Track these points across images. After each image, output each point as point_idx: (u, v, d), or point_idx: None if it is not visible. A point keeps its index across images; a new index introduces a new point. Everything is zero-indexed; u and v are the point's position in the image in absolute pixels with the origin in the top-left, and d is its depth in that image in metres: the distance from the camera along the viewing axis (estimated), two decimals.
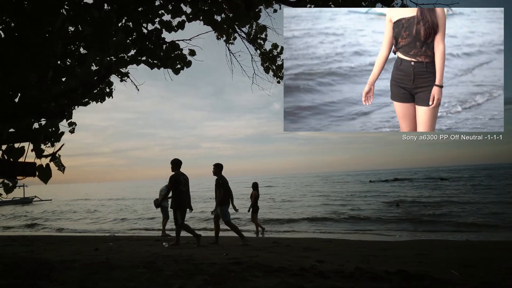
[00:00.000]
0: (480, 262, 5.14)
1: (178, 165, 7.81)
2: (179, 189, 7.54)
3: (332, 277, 3.94)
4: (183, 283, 3.60)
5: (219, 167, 8.07)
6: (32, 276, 3.74)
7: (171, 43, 4.41)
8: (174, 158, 7.93)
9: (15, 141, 3.28)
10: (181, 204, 7.49)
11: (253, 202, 11.34)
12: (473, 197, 22.56)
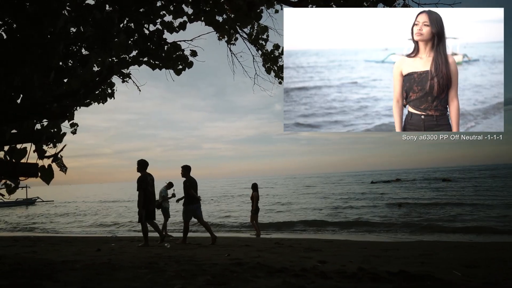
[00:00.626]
0: (482, 263, 5.12)
1: (144, 166, 8.02)
2: (147, 189, 7.76)
3: (334, 277, 3.93)
4: (185, 283, 3.60)
5: (187, 169, 8.38)
6: (36, 277, 3.75)
7: (173, 43, 4.43)
8: (140, 159, 8.11)
9: (17, 142, 3.30)
10: (146, 204, 7.72)
11: (255, 203, 11.34)
12: (475, 198, 22.49)
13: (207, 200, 30.60)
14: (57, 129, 3.62)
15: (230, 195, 39.57)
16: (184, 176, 8.34)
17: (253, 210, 11.38)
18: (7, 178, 3.47)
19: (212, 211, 22.35)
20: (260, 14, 4.66)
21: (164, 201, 10.90)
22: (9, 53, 2.47)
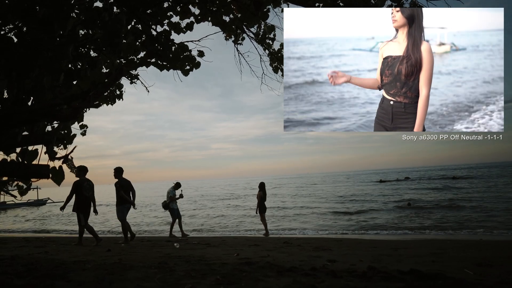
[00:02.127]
0: (495, 261, 5.05)
1: (84, 172, 8.51)
2: (82, 194, 8.17)
3: (344, 276, 3.91)
4: (195, 283, 3.61)
5: (119, 171, 8.93)
6: (49, 277, 3.80)
7: (180, 44, 4.43)
8: (80, 165, 8.57)
9: (28, 144, 3.34)
10: (83, 208, 8.17)
11: (259, 202, 11.34)
12: (486, 196, 22.20)
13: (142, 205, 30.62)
14: (67, 131, 3.67)
15: (231, 196, 39.63)
16: (116, 178, 8.87)
17: (259, 209, 11.38)
18: (19, 180, 3.52)
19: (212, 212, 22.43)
20: (267, 14, 4.65)
21: (171, 201, 10.96)
22: (20, 57, 2.50)
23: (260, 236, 11.34)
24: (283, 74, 6.30)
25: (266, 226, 11.73)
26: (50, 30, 2.47)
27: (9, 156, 3.37)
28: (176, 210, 11.10)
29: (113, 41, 3.03)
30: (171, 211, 11.06)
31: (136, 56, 4.15)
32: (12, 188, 3.80)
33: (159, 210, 24.31)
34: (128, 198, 8.75)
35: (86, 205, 8.22)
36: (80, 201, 8.17)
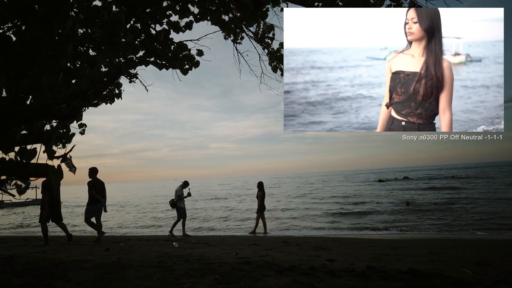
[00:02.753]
0: (493, 261, 5.06)
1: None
2: (52, 193, 8.44)
3: (343, 276, 3.92)
4: (194, 282, 3.62)
5: (93, 171, 9.20)
6: (48, 276, 3.80)
7: (179, 43, 4.43)
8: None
9: (27, 143, 3.33)
10: (50, 206, 8.36)
11: (260, 202, 11.36)
12: (485, 195, 22.24)
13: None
14: (66, 130, 3.66)
15: (227, 195, 39.64)
16: (91, 178, 9.11)
17: (259, 209, 11.40)
18: (18, 179, 3.51)
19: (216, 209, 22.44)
20: (266, 13, 4.64)
21: (179, 200, 10.98)
22: (19, 55, 2.49)
23: (259, 236, 11.34)
24: (282, 73, 6.31)
25: (265, 225, 11.73)
26: (49, 29, 2.47)
27: (7, 155, 3.36)
28: (183, 209, 11.13)
29: (112, 40, 3.02)
30: (178, 210, 11.08)
31: (135, 55, 4.14)
32: (11, 187, 3.79)
33: (154, 212, 24.32)
34: (99, 198, 8.93)
35: (56, 204, 8.48)
36: (49, 199, 8.42)
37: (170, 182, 47.71)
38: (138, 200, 37.46)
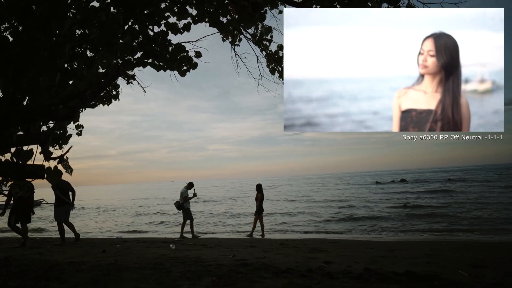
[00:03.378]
0: (490, 263, 5.08)
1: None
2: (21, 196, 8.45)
3: (340, 278, 3.92)
4: (191, 284, 3.60)
5: None
6: (43, 278, 3.78)
7: (177, 45, 4.43)
8: None
9: (24, 144, 3.32)
10: (16, 209, 8.48)
11: (259, 204, 11.34)
12: (482, 198, 22.32)
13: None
14: (63, 131, 3.65)
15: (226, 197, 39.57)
16: None
17: (257, 211, 11.39)
18: (14, 180, 3.50)
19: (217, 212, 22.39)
20: (264, 15, 4.65)
21: (185, 201, 10.97)
22: (16, 56, 2.48)
23: (257, 238, 11.32)
24: (282, 75, 6.32)
25: (263, 227, 11.71)
26: (47, 29, 2.46)
27: (3, 156, 3.34)
28: (189, 210, 11.13)
29: (110, 41, 3.02)
30: (184, 211, 11.05)
31: (133, 56, 4.13)
32: (6, 188, 3.77)
33: (147, 213, 24.23)
34: (65, 199, 9.02)
35: (17, 208, 8.53)
36: (15, 203, 8.57)
37: (167, 184, 47.66)
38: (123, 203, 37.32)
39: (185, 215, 11.11)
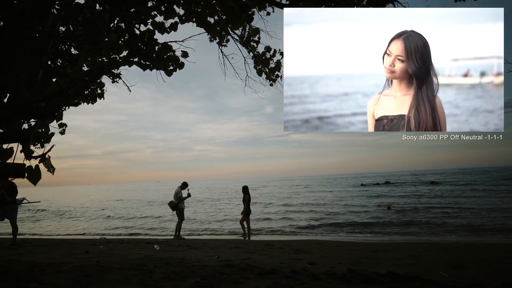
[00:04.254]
0: (469, 264, 5.20)
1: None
2: None
3: (323, 279, 3.95)
4: (174, 285, 3.58)
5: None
6: (23, 279, 3.69)
7: (164, 44, 4.40)
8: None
9: (4, 142, 3.24)
10: None
11: (246, 206, 11.32)
12: (463, 200, 22.82)
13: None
14: (45, 129, 3.57)
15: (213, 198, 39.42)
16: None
17: (245, 212, 11.37)
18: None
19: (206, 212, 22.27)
20: (252, 16, 4.66)
21: (180, 202, 10.94)
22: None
23: (242, 239, 11.30)
24: (269, 77, 6.34)
25: (250, 229, 11.69)
26: (29, 25, 2.41)
27: None
28: (183, 210, 11.13)
29: (95, 39, 2.98)
30: (179, 212, 10.98)
31: (118, 55, 4.09)
32: None
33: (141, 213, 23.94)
34: (9, 199, 8.93)
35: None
36: None
37: (152, 184, 47.16)
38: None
39: (179, 215, 11.11)
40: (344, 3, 3.99)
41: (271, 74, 6.31)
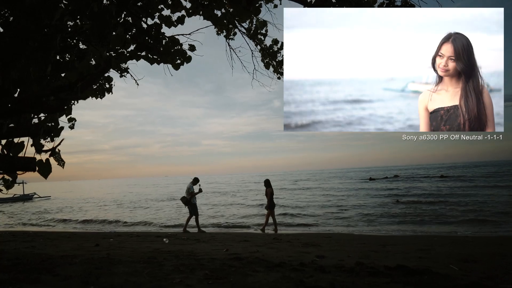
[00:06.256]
0: (481, 257, 5.14)
1: None
2: None
3: (332, 272, 3.94)
4: (184, 277, 3.60)
5: None
6: (35, 271, 3.75)
7: (171, 38, 4.39)
8: None
9: (14, 136, 3.28)
10: None
11: (269, 199, 11.30)
12: (474, 194, 22.56)
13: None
14: (54, 123, 3.61)
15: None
16: None
17: (268, 206, 11.37)
18: (5, 173, 3.46)
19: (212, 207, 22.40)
20: (259, 9, 4.62)
21: (192, 197, 11.14)
22: (6, 46, 2.45)
23: (250, 232, 11.35)
24: (277, 70, 6.30)
25: (275, 222, 11.67)
26: (37, 19, 2.42)
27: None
28: (195, 205, 11.34)
29: (102, 33, 2.98)
30: (191, 207, 11.21)
31: (126, 49, 4.09)
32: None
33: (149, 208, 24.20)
34: None
35: None
36: None
37: (160, 179, 47.50)
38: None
39: (192, 210, 11.32)
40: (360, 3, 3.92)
41: (279, 67, 6.26)
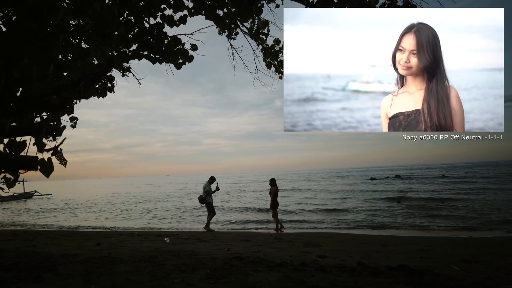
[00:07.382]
0: (482, 258, 5.14)
1: None
2: None
3: (333, 272, 3.94)
4: (185, 277, 3.61)
5: None
6: (36, 270, 3.76)
7: (173, 37, 4.39)
8: None
9: (17, 135, 3.29)
10: None
11: (273, 198, 11.35)
12: (474, 194, 22.53)
13: None
14: (56, 122, 3.62)
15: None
16: None
17: (272, 205, 11.41)
18: (7, 171, 3.47)
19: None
20: (261, 9, 4.62)
21: (207, 195, 11.26)
22: (9, 46, 2.45)
23: (251, 232, 11.36)
24: (278, 70, 6.30)
25: (279, 221, 11.72)
26: (40, 19, 2.43)
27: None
28: (211, 204, 11.55)
29: (104, 32, 2.99)
30: (208, 205, 11.43)
31: (128, 48, 4.10)
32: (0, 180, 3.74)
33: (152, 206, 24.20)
34: None
35: None
36: None
37: (161, 178, 47.40)
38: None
39: (208, 208, 11.56)
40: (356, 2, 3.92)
41: (280, 67, 6.26)
